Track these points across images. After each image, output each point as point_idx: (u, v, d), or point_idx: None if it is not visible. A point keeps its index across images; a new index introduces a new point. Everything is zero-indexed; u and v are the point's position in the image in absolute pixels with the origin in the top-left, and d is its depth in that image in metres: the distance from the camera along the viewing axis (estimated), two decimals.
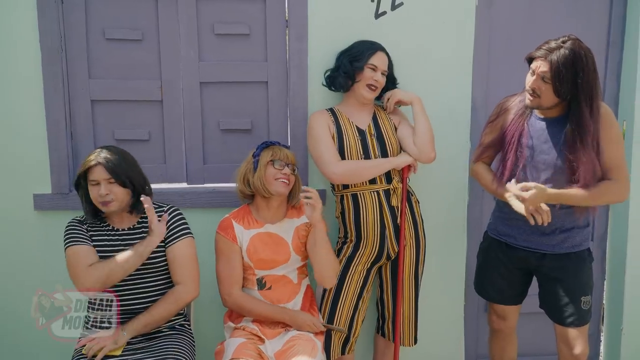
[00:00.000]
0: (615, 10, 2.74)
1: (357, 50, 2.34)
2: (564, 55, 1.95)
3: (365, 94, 2.35)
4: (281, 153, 2.25)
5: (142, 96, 2.57)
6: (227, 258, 2.25)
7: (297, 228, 2.29)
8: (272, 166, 2.22)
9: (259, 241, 2.24)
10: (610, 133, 2.05)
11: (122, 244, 2.10)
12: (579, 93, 1.98)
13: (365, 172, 2.31)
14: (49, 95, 2.47)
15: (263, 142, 2.32)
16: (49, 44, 2.44)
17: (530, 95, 2.08)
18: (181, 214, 2.22)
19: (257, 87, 2.61)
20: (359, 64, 2.31)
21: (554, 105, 2.08)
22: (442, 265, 2.74)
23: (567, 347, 2.26)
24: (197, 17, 2.53)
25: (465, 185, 2.72)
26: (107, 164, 2.03)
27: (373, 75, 2.32)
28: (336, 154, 2.33)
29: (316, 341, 2.17)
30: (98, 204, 2.06)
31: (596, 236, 2.93)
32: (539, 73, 2.01)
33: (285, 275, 2.27)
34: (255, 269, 2.24)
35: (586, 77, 1.97)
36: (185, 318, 2.27)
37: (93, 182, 2.04)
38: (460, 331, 2.83)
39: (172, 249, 2.13)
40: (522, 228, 2.23)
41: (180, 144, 2.62)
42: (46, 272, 2.48)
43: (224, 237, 2.25)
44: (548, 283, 2.26)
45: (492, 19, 2.70)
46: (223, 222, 2.29)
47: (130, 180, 2.07)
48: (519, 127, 2.17)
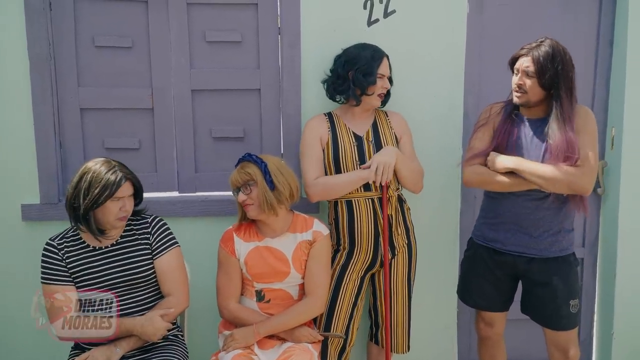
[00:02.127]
0: (604, 18, 2.77)
1: (364, 61, 2.28)
2: (544, 50, 2.10)
3: (376, 103, 2.35)
4: (232, 178, 2.17)
5: (133, 104, 2.54)
6: (226, 270, 2.23)
7: (299, 243, 2.22)
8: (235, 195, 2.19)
9: (257, 255, 2.21)
10: (585, 125, 2.13)
11: (103, 263, 2.06)
12: (560, 83, 2.10)
13: (337, 188, 2.30)
14: (37, 103, 2.43)
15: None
16: (37, 51, 2.41)
17: (517, 92, 2.17)
18: (166, 224, 2.18)
19: (249, 95, 2.59)
20: (372, 78, 2.28)
21: (540, 100, 2.16)
22: (434, 272, 2.74)
23: (558, 351, 2.29)
24: (188, 23, 2.51)
25: (457, 192, 2.72)
26: (132, 178, 2.04)
27: (383, 84, 2.32)
28: (316, 172, 2.32)
29: (313, 352, 2.15)
30: (114, 221, 2.01)
31: (587, 242, 2.95)
32: (523, 69, 2.14)
33: (285, 290, 2.24)
34: (254, 282, 2.22)
35: (565, 67, 2.10)
36: (179, 328, 2.25)
37: (116, 199, 1.98)
38: (452, 338, 2.83)
39: (159, 261, 2.10)
40: (509, 232, 2.26)
41: (171, 152, 2.59)
42: (34, 284, 2.42)
43: (223, 250, 2.23)
44: (536, 288, 2.27)
45: (483, 25, 2.72)
46: (225, 233, 2.26)
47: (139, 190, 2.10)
48: (508, 130, 2.22)
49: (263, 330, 2.15)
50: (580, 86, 2.74)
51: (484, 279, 2.37)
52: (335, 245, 2.41)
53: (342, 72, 2.33)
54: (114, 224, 2.02)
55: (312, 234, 2.23)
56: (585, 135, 2.12)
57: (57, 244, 2.06)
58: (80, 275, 2.03)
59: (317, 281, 2.21)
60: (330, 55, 2.45)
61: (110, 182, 1.97)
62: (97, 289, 2.03)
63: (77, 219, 2.01)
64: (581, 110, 2.16)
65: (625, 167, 2.74)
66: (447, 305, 2.80)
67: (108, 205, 1.97)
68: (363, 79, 2.28)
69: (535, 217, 2.22)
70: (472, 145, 2.32)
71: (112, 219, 2.00)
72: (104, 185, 1.96)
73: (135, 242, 2.11)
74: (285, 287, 2.23)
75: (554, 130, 2.10)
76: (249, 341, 2.14)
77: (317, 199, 2.34)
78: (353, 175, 2.29)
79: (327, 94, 2.42)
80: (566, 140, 2.08)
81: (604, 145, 2.85)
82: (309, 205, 2.56)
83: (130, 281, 2.06)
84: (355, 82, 2.30)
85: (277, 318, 2.18)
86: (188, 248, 2.34)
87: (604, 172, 2.85)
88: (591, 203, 2.91)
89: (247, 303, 2.25)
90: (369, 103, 2.35)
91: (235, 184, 2.17)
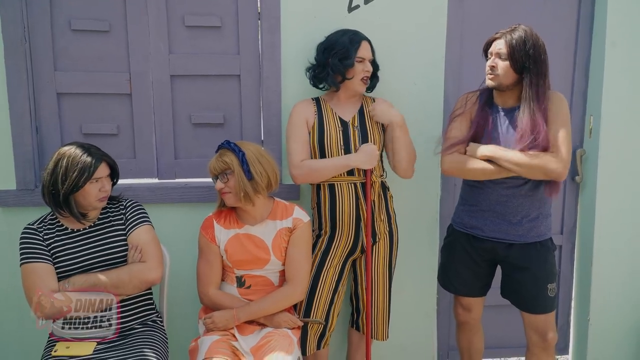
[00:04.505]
0: (584, 7, 2.79)
1: (341, 45, 2.28)
2: (518, 34, 2.14)
3: (359, 88, 2.34)
4: (210, 166, 2.15)
5: (111, 89, 2.51)
6: (206, 257, 2.22)
7: (279, 231, 2.22)
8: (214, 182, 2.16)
9: (237, 242, 2.20)
10: (558, 111, 2.16)
11: (82, 244, 2.05)
12: (531, 67, 2.13)
13: (324, 172, 2.30)
14: (12, 88, 2.39)
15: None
16: (12, 34, 2.36)
17: (490, 74, 2.21)
18: (141, 205, 2.20)
19: (229, 80, 2.57)
20: (349, 62, 2.27)
21: (512, 84, 2.19)
22: (414, 259, 2.75)
23: (536, 334, 2.32)
24: (166, 8, 2.48)
25: (437, 179, 2.73)
26: (107, 159, 2.06)
27: (364, 67, 2.31)
28: (302, 154, 2.31)
29: (293, 337, 2.16)
30: (95, 202, 2.03)
31: (565, 229, 2.98)
32: (496, 51, 2.18)
33: (265, 277, 2.24)
34: (235, 268, 2.22)
35: (537, 51, 2.13)
36: (158, 314, 2.24)
37: (94, 180, 2.00)
38: (432, 324, 2.85)
39: (131, 236, 2.11)
40: (489, 219, 2.29)
41: (150, 139, 2.57)
42: (12, 272, 2.40)
43: (204, 237, 2.22)
44: (515, 272, 2.31)
45: (464, 11, 2.72)
46: (205, 220, 2.25)
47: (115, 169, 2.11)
48: (484, 120, 2.25)
49: (243, 315, 2.15)
50: (559, 74, 2.81)
51: (463, 265, 2.40)
52: (317, 230, 2.41)
53: (321, 59, 2.33)
54: (95, 205, 2.04)
55: (292, 221, 2.22)
56: (558, 120, 2.15)
57: (36, 227, 2.06)
58: (59, 256, 2.02)
59: (297, 267, 2.21)
60: (310, 41, 2.44)
61: (87, 165, 1.97)
62: (76, 269, 2.02)
63: (57, 204, 2.00)
64: (554, 96, 2.19)
65: (603, 155, 2.77)
66: (427, 292, 2.81)
67: (87, 188, 1.99)
68: (340, 63, 2.28)
69: (513, 204, 2.25)
70: (449, 134, 2.33)
71: (93, 201, 2.02)
72: (82, 169, 1.97)
73: (111, 223, 2.11)
74: (266, 274, 2.23)
75: (523, 114, 2.14)
76: (228, 325, 2.14)
77: (301, 180, 2.33)
78: (340, 160, 2.29)
79: (310, 82, 2.42)
80: (531, 123, 2.11)
81: (583, 134, 2.88)
82: (290, 192, 2.56)
83: (107, 261, 2.05)
84: (333, 68, 2.29)
85: (257, 304, 2.17)
86: (167, 234, 2.33)
87: (582, 161, 2.88)
88: (569, 191, 2.95)
89: (228, 288, 2.25)
90: (352, 89, 2.34)
91: (213, 171, 2.15)
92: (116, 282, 2.01)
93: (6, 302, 2.52)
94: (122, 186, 2.38)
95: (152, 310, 2.20)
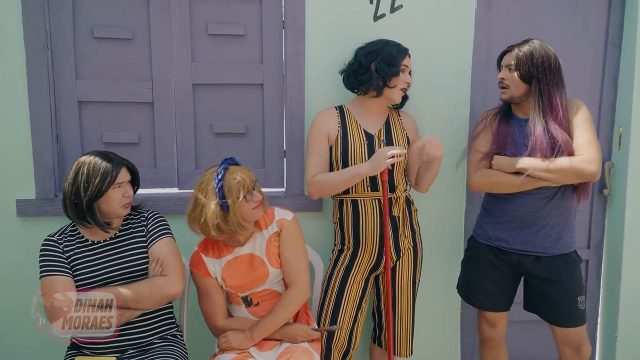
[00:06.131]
0: (613, 16, 2.73)
1: (388, 52, 2.23)
2: (527, 47, 2.17)
3: (397, 98, 2.30)
4: (247, 180, 2.04)
5: (132, 97, 2.47)
6: (206, 293, 2.17)
7: (268, 239, 2.16)
8: (246, 201, 2.04)
9: (231, 269, 2.14)
10: (580, 116, 2.15)
11: (102, 256, 2.02)
12: (541, 76, 2.13)
13: (335, 185, 2.25)
14: (33, 95, 2.37)
15: (216, 174, 2.04)
16: (34, 41, 2.34)
17: (501, 88, 2.24)
18: (162, 217, 2.17)
19: (252, 90, 2.53)
20: (395, 69, 2.23)
21: (524, 95, 2.19)
22: (439, 273, 2.70)
23: (570, 348, 2.28)
24: (190, 16, 2.45)
25: (462, 192, 2.68)
26: (127, 163, 2.05)
27: (405, 78, 2.27)
28: (316, 168, 2.27)
29: (313, 352, 2.11)
30: (119, 209, 2.00)
31: (592, 243, 2.92)
32: (506, 65, 2.22)
33: (270, 289, 2.19)
34: (237, 292, 2.17)
35: (547, 61, 2.14)
36: (178, 328, 2.19)
37: (117, 185, 1.98)
38: (456, 339, 2.80)
39: (152, 248, 2.07)
40: (515, 231, 2.26)
41: (171, 148, 2.53)
42: (29, 282, 2.36)
43: (197, 274, 2.16)
44: (544, 286, 2.26)
45: (491, 22, 2.67)
46: (193, 257, 2.18)
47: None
48: (505, 131, 2.25)
49: (256, 335, 2.11)
50: (588, 85, 2.77)
51: (488, 278, 2.36)
52: (340, 245, 2.36)
53: (364, 62, 2.26)
54: (119, 212, 2.01)
55: (277, 224, 2.17)
56: (579, 125, 2.14)
57: (56, 238, 2.04)
58: (79, 268, 1.99)
59: (294, 268, 2.15)
60: (335, 50, 2.41)
61: (109, 169, 1.96)
62: (96, 282, 1.98)
63: (80, 216, 1.97)
64: (573, 104, 2.18)
65: (632, 167, 2.71)
66: (451, 306, 2.76)
67: (110, 194, 1.97)
68: (387, 68, 2.22)
69: (542, 215, 2.22)
70: (474, 150, 2.31)
71: (117, 207, 2.00)
72: (104, 173, 1.95)
73: (132, 234, 2.08)
74: (270, 287, 2.18)
75: (533, 123, 2.14)
76: (242, 345, 2.10)
77: (317, 196, 2.30)
78: (349, 171, 2.22)
79: (346, 84, 2.35)
80: (544, 131, 2.10)
81: (611, 146, 2.82)
82: (313, 203, 2.52)
83: (128, 274, 2.02)
84: (378, 71, 2.23)
85: (267, 319, 2.12)
86: (187, 246, 2.28)
87: (611, 173, 2.81)
88: (596, 204, 2.89)
89: (237, 311, 2.20)
90: (389, 97, 2.29)
91: (249, 185, 2.05)
92: (136, 297, 1.97)
93: (26, 313, 2.48)
94: (143, 196, 2.36)
95: (172, 325, 2.16)
